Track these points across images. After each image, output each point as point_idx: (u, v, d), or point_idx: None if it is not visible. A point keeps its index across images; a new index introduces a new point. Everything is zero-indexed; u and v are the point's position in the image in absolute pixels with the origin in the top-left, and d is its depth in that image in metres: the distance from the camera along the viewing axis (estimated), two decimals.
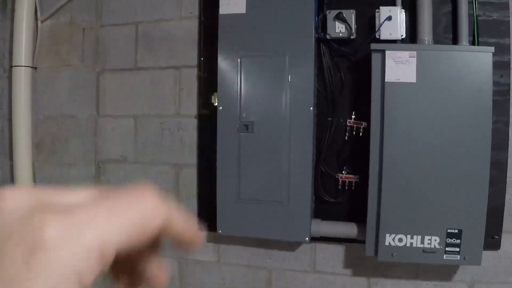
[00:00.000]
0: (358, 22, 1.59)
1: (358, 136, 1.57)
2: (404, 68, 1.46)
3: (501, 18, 1.57)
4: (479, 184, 1.44)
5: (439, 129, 1.45)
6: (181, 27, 1.75)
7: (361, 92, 1.54)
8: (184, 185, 1.76)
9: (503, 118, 1.56)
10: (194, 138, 1.73)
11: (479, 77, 1.44)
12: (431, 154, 1.44)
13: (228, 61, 1.58)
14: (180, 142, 1.75)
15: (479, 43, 1.56)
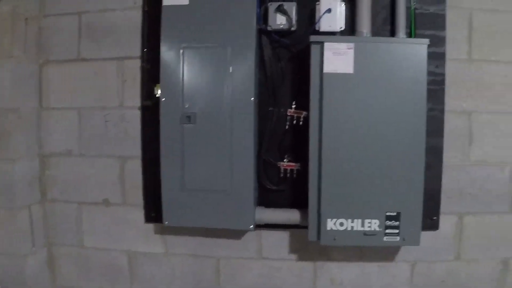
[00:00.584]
0: (299, 14, 1.64)
1: (298, 125, 1.63)
2: (342, 60, 1.53)
3: (438, 11, 1.66)
4: (415, 168, 1.53)
5: (376, 117, 1.52)
6: (125, 18, 1.76)
7: (301, 83, 1.60)
8: (130, 177, 1.78)
9: (438, 106, 1.65)
10: (138, 130, 1.75)
11: (415, 68, 1.52)
12: (369, 141, 1.52)
13: (171, 53, 1.61)
14: (125, 134, 1.77)
15: (416, 35, 1.64)
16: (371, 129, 1.52)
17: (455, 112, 1.68)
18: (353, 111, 1.52)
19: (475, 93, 1.69)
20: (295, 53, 1.65)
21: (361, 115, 1.52)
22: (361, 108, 1.52)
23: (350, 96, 1.52)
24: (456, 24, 1.67)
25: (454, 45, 1.67)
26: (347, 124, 1.52)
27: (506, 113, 1.69)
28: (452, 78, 1.67)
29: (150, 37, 1.72)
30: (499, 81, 1.69)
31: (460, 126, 1.68)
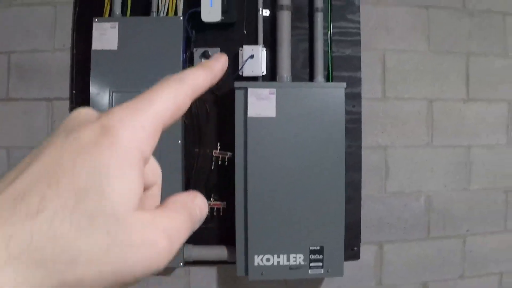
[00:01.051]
0: None
1: (223, 165, 1.72)
2: (264, 104, 1.63)
3: (354, 54, 1.80)
4: (336, 203, 1.65)
5: (299, 156, 1.63)
6: (55, 59, 1.80)
7: (225, 124, 1.69)
8: None
9: (356, 143, 1.79)
10: None
11: (334, 109, 1.65)
12: (292, 179, 1.63)
13: (100, 96, 1.66)
14: None
15: (333, 77, 1.77)
16: (294, 168, 1.63)
17: (372, 148, 1.82)
18: (277, 152, 1.62)
19: (390, 129, 1.83)
20: (220, 96, 1.74)
21: (284, 155, 1.63)
22: (284, 148, 1.63)
23: (273, 137, 1.63)
24: (370, 65, 1.82)
25: (369, 85, 1.82)
26: (271, 164, 1.62)
27: (419, 146, 1.85)
28: (368, 116, 1.81)
29: (79, 79, 1.77)
30: (413, 117, 1.85)
31: (377, 160, 1.83)
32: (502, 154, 1.93)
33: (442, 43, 1.88)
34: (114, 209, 0.19)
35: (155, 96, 0.23)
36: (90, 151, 0.20)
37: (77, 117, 0.22)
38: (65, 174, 0.19)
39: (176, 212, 0.23)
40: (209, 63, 0.28)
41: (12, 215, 0.18)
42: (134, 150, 0.21)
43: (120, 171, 0.20)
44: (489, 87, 1.92)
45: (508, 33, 1.94)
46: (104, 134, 0.20)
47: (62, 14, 1.79)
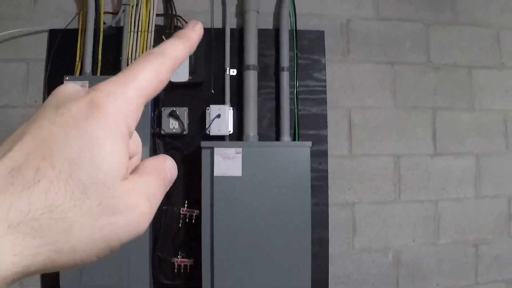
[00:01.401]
0: (191, 117, 1.79)
1: (191, 223, 1.75)
2: (231, 163, 1.67)
3: (320, 112, 1.85)
4: (303, 260, 1.68)
5: (265, 215, 1.66)
6: (26, 115, 1.85)
7: (193, 183, 1.73)
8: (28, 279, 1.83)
9: (323, 200, 1.82)
10: None
11: (299, 167, 1.68)
12: (259, 237, 1.66)
13: None
14: None
15: (300, 135, 1.81)
16: (260, 226, 1.66)
17: (339, 205, 1.86)
18: (243, 210, 1.65)
19: (357, 186, 1.87)
20: (187, 155, 1.78)
21: (251, 213, 1.66)
22: (250, 206, 1.66)
23: (239, 196, 1.66)
24: (337, 122, 1.87)
25: (336, 142, 1.86)
26: (237, 222, 1.65)
27: (386, 202, 1.88)
28: (335, 173, 1.85)
29: None
30: (379, 173, 1.88)
31: (344, 217, 1.86)
32: (471, 207, 1.96)
33: (408, 98, 1.93)
34: (105, 179, 0.21)
35: (138, 71, 0.24)
36: (81, 124, 0.21)
37: (64, 92, 0.24)
38: (58, 146, 0.20)
39: (150, 175, 0.25)
40: (186, 34, 0.28)
41: (9, 186, 0.19)
42: (121, 122, 0.22)
43: (109, 142, 0.21)
44: (456, 141, 1.96)
45: (475, 87, 1.99)
46: (93, 108, 0.22)
47: (35, 71, 1.85)
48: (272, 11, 1.89)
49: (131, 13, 1.75)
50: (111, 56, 1.78)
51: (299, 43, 1.86)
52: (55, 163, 0.20)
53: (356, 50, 1.92)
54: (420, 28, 1.98)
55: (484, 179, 1.98)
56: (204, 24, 1.84)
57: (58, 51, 1.79)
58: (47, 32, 1.81)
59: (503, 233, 1.99)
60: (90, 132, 0.21)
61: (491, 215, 1.98)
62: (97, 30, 1.75)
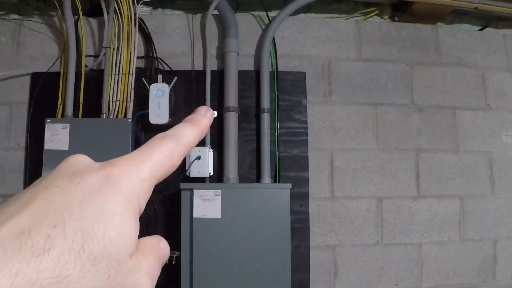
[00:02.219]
0: None
1: (171, 264, 1.75)
2: (210, 205, 1.69)
3: (301, 153, 1.87)
4: None
5: (244, 257, 1.68)
6: (9, 157, 1.88)
7: (173, 224, 1.75)
8: None
9: (304, 243, 1.83)
10: None
11: (279, 209, 1.70)
12: (238, 279, 1.67)
13: None
14: None
15: (280, 177, 1.83)
16: (240, 268, 1.67)
17: (320, 247, 1.87)
18: (222, 252, 1.67)
19: (339, 228, 1.88)
20: (167, 196, 1.80)
21: (230, 255, 1.68)
22: (230, 248, 1.68)
23: (219, 238, 1.68)
24: (318, 165, 1.88)
25: (317, 184, 1.87)
26: (216, 265, 1.67)
27: (368, 245, 1.89)
28: (316, 215, 1.86)
29: (32, 177, 1.84)
30: (361, 215, 1.89)
31: (325, 260, 1.87)
32: (455, 250, 1.96)
33: (391, 140, 1.95)
34: (116, 254, 0.21)
35: (154, 152, 0.26)
36: (96, 196, 0.21)
37: (79, 162, 0.25)
38: (72, 216, 0.20)
39: (149, 255, 0.25)
40: (198, 120, 0.30)
41: (17, 252, 0.18)
42: (134, 200, 0.23)
43: (123, 218, 0.22)
44: (440, 183, 1.97)
45: (459, 128, 2.01)
46: (109, 183, 0.22)
47: (17, 114, 1.89)
48: (253, 53, 1.93)
49: (112, 56, 1.80)
50: (92, 99, 1.82)
51: (280, 84, 1.89)
52: (67, 233, 0.20)
53: (337, 91, 1.94)
54: (403, 68, 2.00)
55: (469, 222, 1.98)
56: (185, 66, 1.88)
57: (40, 94, 1.83)
58: (29, 75, 1.85)
59: (488, 277, 1.99)
60: (105, 205, 0.22)
61: (476, 258, 1.98)
62: (79, 73, 1.80)
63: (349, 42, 1.99)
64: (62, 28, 1.88)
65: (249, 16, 1.96)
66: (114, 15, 1.83)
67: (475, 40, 2.11)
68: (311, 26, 1.98)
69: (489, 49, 2.11)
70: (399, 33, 2.04)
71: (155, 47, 1.86)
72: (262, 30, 1.94)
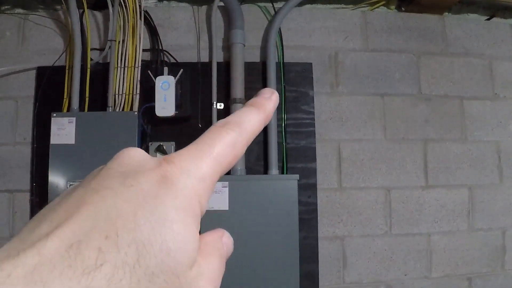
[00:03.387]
0: None
1: None
2: (217, 198, 1.71)
3: (308, 145, 1.87)
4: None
5: (252, 249, 1.69)
6: (16, 152, 1.89)
7: None
8: None
9: (312, 234, 1.83)
10: None
11: (287, 201, 1.70)
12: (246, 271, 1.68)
13: (58, 188, 1.74)
14: None
15: (288, 168, 1.83)
16: (248, 260, 1.68)
17: (329, 238, 1.87)
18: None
19: (347, 219, 1.88)
20: None
21: (238, 247, 1.63)
22: (237, 240, 1.60)
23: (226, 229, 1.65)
24: (326, 156, 1.89)
25: (325, 175, 1.88)
26: None
27: (377, 235, 1.89)
28: (324, 206, 1.86)
29: (39, 172, 1.85)
30: (369, 206, 1.90)
31: (334, 251, 1.87)
32: (464, 240, 1.96)
33: (398, 130, 1.95)
34: (175, 267, 0.19)
35: (214, 144, 0.23)
36: (151, 202, 0.19)
37: (131, 159, 0.23)
38: (125, 226, 0.18)
39: (211, 255, 0.23)
40: (261, 103, 0.27)
41: (67, 268, 0.17)
42: (195, 203, 0.21)
43: (182, 225, 0.20)
44: (448, 173, 1.97)
45: (467, 118, 2.01)
46: (165, 184, 0.20)
47: (23, 108, 1.89)
48: (259, 44, 1.93)
49: (118, 49, 1.80)
50: (98, 92, 1.83)
51: (286, 75, 1.89)
52: (120, 245, 0.18)
53: (344, 82, 1.94)
54: (410, 58, 2.00)
55: (477, 211, 1.98)
56: (191, 58, 1.88)
57: (46, 88, 1.84)
58: (35, 69, 1.86)
59: (497, 266, 1.99)
60: (162, 211, 0.19)
61: (485, 247, 1.99)
62: (84, 66, 1.80)
63: (355, 32, 1.99)
64: (67, 21, 1.89)
65: (255, 7, 1.96)
66: (119, 8, 1.83)
67: (482, 30, 2.11)
68: (317, 17, 1.98)
69: (496, 39, 2.11)
70: (406, 23, 2.04)
71: (161, 40, 1.86)
72: (268, 21, 1.95)
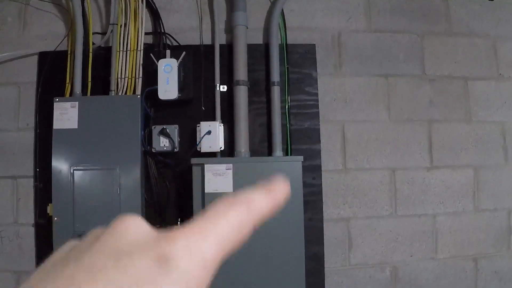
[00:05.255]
0: (182, 135, 1.82)
1: None
2: (221, 180, 1.70)
3: (312, 126, 1.87)
4: (297, 276, 1.68)
5: (256, 231, 1.66)
6: (19, 138, 1.90)
7: (186, 201, 1.76)
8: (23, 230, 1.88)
9: (317, 216, 1.84)
10: (32, 246, 1.87)
11: (291, 182, 1.61)
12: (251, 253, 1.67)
13: (62, 174, 1.75)
14: (19, 249, 1.88)
15: (292, 150, 1.84)
16: (252, 242, 1.64)
17: (334, 220, 1.87)
18: None
19: (352, 200, 1.89)
20: (179, 172, 1.81)
21: None
22: None
23: None
24: (330, 137, 1.89)
25: (329, 157, 1.88)
26: None
27: (382, 216, 1.90)
28: (329, 187, 1.87)
29: (42, 158, 1.85)
30: (374, 187, 1.90)
31: (339, 232, 1.88)
32: (469, 221, 1.96)
33: (402, 111, 1.95)
34: None
35: (220, 223, 0.22)
36: (147, 286, 0.18)
37: (128, 233, 0.21)
38: None
39: None
40: (272, 190, 0.26)
41: None
42: (191, 283, 0.20)
43: None
44: (453, 154, 1.97)
45: (471, 98, 2.00)
46: (163, 267, 0.19)
47: (26, 94, 1.90)
48: (262, 26, 1.93)
49: (120, 32, 1.80)
50: (100, 76, 1.83)
51: (289, 57, 1.89)
52: None
53: (348, 63, 1.94)
54: (414, 39, 2.00)
55: (483, 192, 1.99)
56: (193, 41, 1.88)
57: (48, 73, 1.84)
58: (36, 55, 1.86)
59: (503, 247, 1.99)
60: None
61: (490, 228, 1.99)
62: (86, 50, 1.80)
63: (358, 13, 1.98)
64: (68, 6, 1.89)
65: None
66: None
67: (486, 10, 2.10)
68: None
69: (500, 19, 2.10)
70: (409, 4, 2.03)
71: (163, 23, 1.86)
72: (270, 2, 1.94)
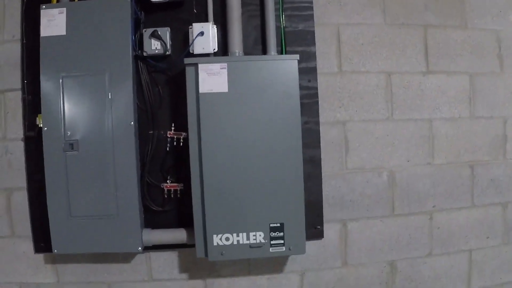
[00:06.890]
0: (173, 38, 1.78)
1: (179, 146, 1.75)
2: (216, 79, 1.66)
3: (307, 28, 1.84)
4: (295, 179, 1.67)
5: (253, 133, 1.65)
6: (4, 51, 1.84)
7: (179, 105, 1.73)
8: (16, 208, 1.84)
9: (313, 119, 1.82)
10: (22, 161, 1.82)
11: (287, 83, 1.66)
12: (248, 156, 1.65)
13: (51, 82, 1.70)
14: (9, 166, 1.84)
15: (287, 52, 1.81)
16: (249, 145, 1.65)
17: (330, 123, 1.86)
18: (231, 129, 1.64)
19: (348, 103, 1.87)
20: (171, 76, 1.78)
21: (239, 132, 1.65)
22: (238, 125, 1.65)
23: (226, 114, 1.64)
24: (325, 39, 1.87)
25: (324, 59, 1.86)
26: (225, 142, 1.64)
27: (379, 120, 1.89)
28: (325, 90, 1.85)
29: (30, 69, 1.80)
30: (370, 90, 1.89)
31: (336, 136, 1.86)
32: (465, 127, 1.96)
33: (398, 15, 1.93)
34: None
35: None
36: None
37: None
38: None
39: None
40: None
41: None
42: None
43: None
44: (449, 60, 1.96)
45: (466, 5, 1.99)
46: None
47: (11, 5, 1.84)
48: None
49: None
50: None
51: None
52: None
53: None
54: None
55: (478, 99, 1.98)
56: None
57: None
58: None
59: (499, 155, 2.00)
60: None
61: (486, 136, 1.99)
62: None
63: None
64: None
65: None
66: None
67: None
68: None
69: None
70: None
71: None
72: None
